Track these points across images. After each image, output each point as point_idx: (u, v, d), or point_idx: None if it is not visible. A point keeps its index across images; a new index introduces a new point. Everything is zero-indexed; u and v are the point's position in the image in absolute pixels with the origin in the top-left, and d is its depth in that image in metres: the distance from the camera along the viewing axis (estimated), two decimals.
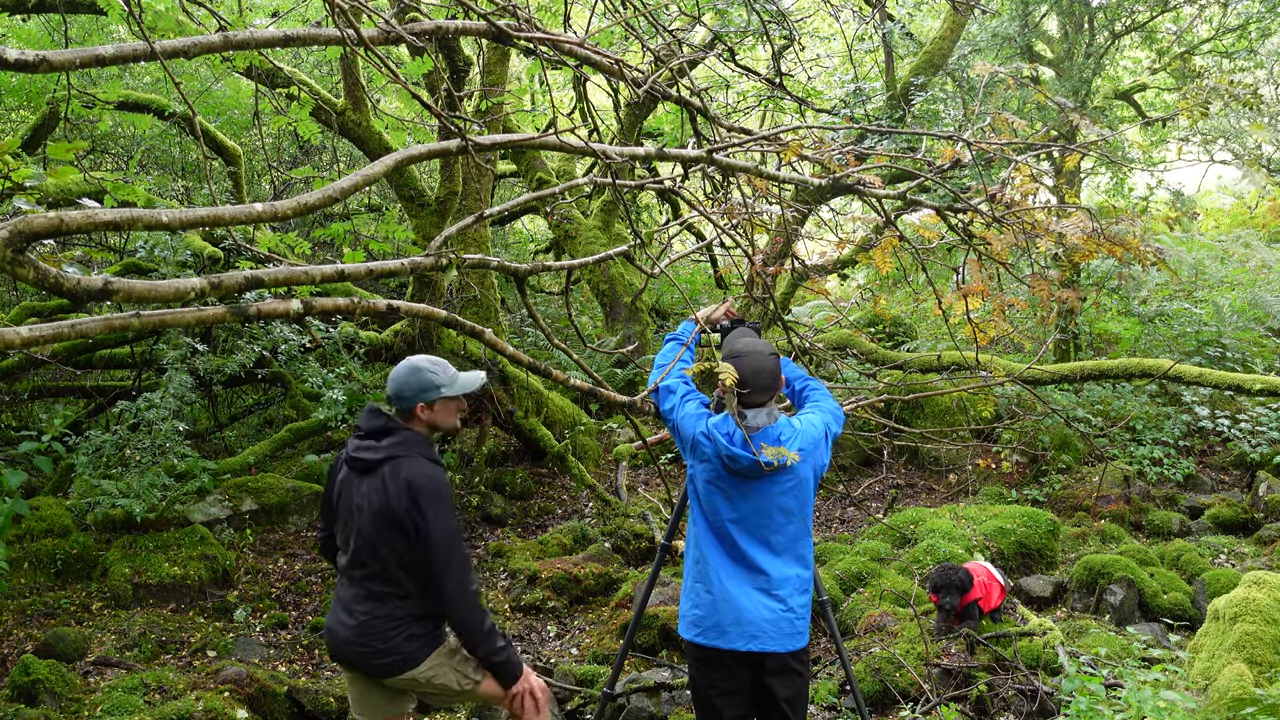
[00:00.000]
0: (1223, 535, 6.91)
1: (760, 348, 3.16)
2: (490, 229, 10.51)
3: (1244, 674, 3.98)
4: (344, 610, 3.27)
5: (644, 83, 3.49)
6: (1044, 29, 10.33)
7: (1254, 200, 15.37)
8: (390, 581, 3.19)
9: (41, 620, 5.74)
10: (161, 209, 2.10)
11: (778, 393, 3.21)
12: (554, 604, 6.20)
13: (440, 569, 3.13)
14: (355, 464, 3.26)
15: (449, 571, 3.13)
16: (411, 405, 3.28)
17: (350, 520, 3.26)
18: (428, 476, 3.17)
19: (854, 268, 12.19)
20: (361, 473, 3.25)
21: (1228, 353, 8.81)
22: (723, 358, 3.22)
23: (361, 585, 3.23)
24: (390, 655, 3.21)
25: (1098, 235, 3.60)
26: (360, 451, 3.25)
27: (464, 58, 7.27)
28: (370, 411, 3.33)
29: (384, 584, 3.20)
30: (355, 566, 3.25)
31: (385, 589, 3.21)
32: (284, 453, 8.22)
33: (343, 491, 3.31)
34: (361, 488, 3.23)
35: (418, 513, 3.11)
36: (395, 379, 3.31)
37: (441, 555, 3.12)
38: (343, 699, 4.85)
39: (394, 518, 3.12)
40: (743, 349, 3.18)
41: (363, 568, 3.22)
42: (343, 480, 3.33)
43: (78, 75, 6.69)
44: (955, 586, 4.88)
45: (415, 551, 3.14)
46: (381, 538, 3.16)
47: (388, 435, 3.26)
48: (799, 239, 7.52)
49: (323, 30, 2.66)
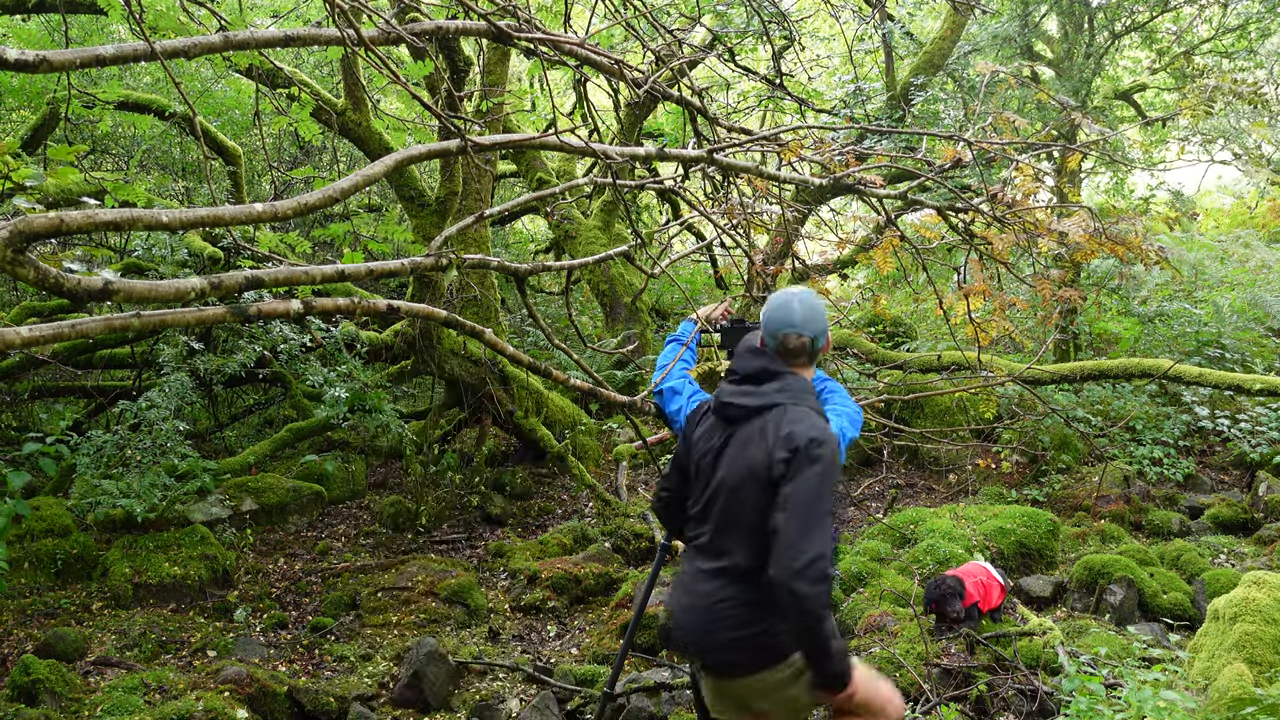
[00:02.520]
0: (1222, 535, 6.91)
1: None
2: (490, 229, 10.51)
3: (1244, 674, 3.98)
4: (685, 590, 2.77)
5: (644, 83, 3.49)
6: (1044, 29, 10.33)
7: (1254, 200, 15.37)
8: (754, 555, 2.64)
9: (42, 620, 5.74)
10: (161, 209, 2.10)
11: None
12: (554, 604, 6.20)
13: (795, 534, 2.50)
14: (727, 411, 2.77)
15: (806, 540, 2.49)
16: (820, 342, 2.81)
17: (709, 480, 2.76)
18: (819, 429, 2.63)
19: (854, 267, 12.19)
20: (731, 422, 2.76)
21: (1227, 353, 8.81)
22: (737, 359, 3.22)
23: (714, 558, 2.72)
24: (737, 649, 2.66)
25: (1099, 234, 3.60)
26: (735, 397, 2.76)
27: (464, 58, 7.27)
28: (748, 351, 2.84)
29: (745, 558, 2.66)
30: (712, 535, 2.73)
31: (745, 564, 2.67)
32: (284, 453, 8.22)
33: (703, 445, 2.81)
34: (731, 440, 2.74)
35: (792, 470, 2.57)
36: (803, 307, 2.79)
37: (799, 521, 2.51)
38: (343, 699, 4.85)
39: (769, 476, 2.60)
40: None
41: (720, 536, 2.71)
42: (705, 432, 2.83)
43: (78, 75, 6.68)
44: (954, 594, 4.88)
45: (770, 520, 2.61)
46: (749, 501, 2.65)
47: (771, 379, 2.75)
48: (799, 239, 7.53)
49: (323, 30, 2.66)
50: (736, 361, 2.82)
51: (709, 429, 2.82)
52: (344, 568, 6.74)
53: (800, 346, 2.78)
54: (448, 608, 6.11)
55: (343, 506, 8.01)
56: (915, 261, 4.55)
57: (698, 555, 2.76)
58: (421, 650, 5.04)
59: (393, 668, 5.25)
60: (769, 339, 2.83)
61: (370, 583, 6.43)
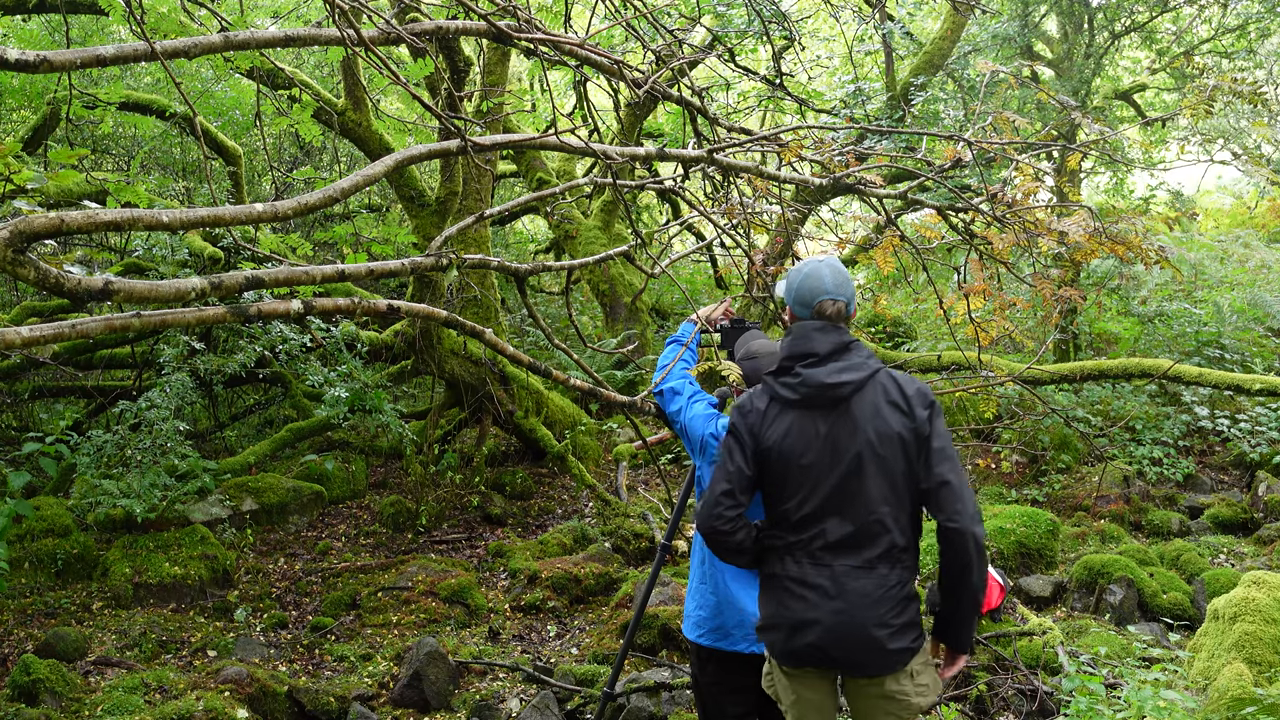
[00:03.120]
0: (1222, 535, 6.91)
1: (775, 350, 3.15)
2: (490, 229, 10.51)
3: (1243, 673, 3.98)
4: (826, 596, 2.58)
5: (644, 83, 3.49)
6: (1044, 29, 10.33)
7: (1254, 200, 15.37)
8: (906, 529, 2.61)
9: (42, 620, 5.75)
10: (162, 209, 2.10)
11: None
12: (554, 604, 6.20)
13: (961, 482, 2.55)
14: (834, 393, 2.61)
15: (968, 487, 2.55)
16: (852, 307, 2.75)
17: (824, 472, 2.60)
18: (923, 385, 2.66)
19: (854, 267, 12.20)
20: (837, 402, 2.61)
21: (1227, 353, 8.81)
22: (739, 359, 3.23)
23: (857, 551, 2.58)
24: (905, 637, 2.57)
25: (1099, 234, 3.60)
26: (834, 376, 2.61)
27: (464, 58, 7.28)
28: (811, 329, 2.68)
29: (900, 534, 2.60)
30: (844, 528, 2.59)
31: (903, 541, 2.60)
32: (284, 453, 8.22)
33: (798, 441, 2.63)
34: (843, 420, 2.60)
35: (935, 424, 2.58)
36: (836, 274, 2.73)
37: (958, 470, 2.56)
38: (343, 699, 4.85)
39: (915, 436, 2.57)
40: (759, 349, 3.18)
41: (859, 524, 2.58)
42: (792, 427, 2.64)
43: (79, 76, 6.68)
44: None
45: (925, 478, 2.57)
46: (895, 470, 2.58)
47: (853, 350, 2.66)
48: (799, 239, 7.53)
49: (323, 30, 2.67)
50: (804, 343, 2.66)
51: (795, 423, 2.63)
52: (344, 568, 6.74)
53: (838, 312, 2.71)
54: (448, 608, 6.11)
55: (343, 506, 8.02)
56: (915, 261, 4.55)
57: (825, 556, 2.60)
58: (421, 650, 5.04)
59: (393, 668, 5.26)
60: (801, 309, 2.75)
61: (370, 583, 6.43)
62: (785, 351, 2.71)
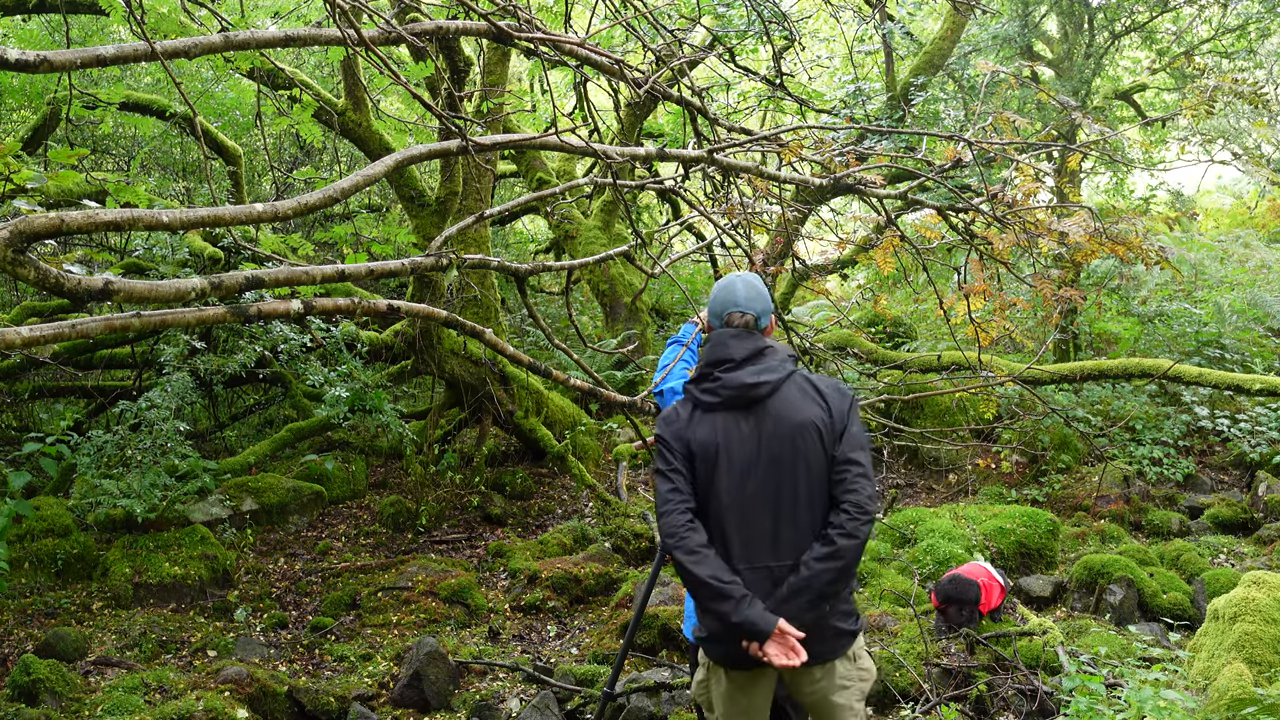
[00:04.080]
0: (1222, 535, 6.91)
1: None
2: (490, 229, 10.51)
3: (1244, 674, 3.98)
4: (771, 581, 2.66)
5: (644, 83, 3.49)
6: (1044, 29, 10.33)
7: (1254, 200, 15.36)
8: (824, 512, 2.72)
9: (42, 620, 5.74)
10: (162, 209, 2.10)
11: None
12: (554, 604, 6.20)
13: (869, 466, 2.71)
14: (752, 393, 2.72)
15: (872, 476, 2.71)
16: (765, 321, 2.89)
17: (751, 467, 2.70)
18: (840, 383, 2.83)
19: (854, 267, 12.20)
20: (754, 402, 2.73)
21: (1227, 353, 8.81)
22: None
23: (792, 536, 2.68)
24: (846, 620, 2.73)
25: (1100, 235, 3.60)
26: (753, 377, 2.73)
27: (464, 58, 7.27)
28: (727, 337, 2.80)
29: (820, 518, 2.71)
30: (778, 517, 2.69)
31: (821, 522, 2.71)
32: (284, 453, 8.22)
33: (724, 439, 2.72)
34: (764, 418, 2.72)
35: (851, 416, 2.74)
36: (749, 289, 2.87)
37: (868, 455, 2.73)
38: (343, 699, 4.85)
39: (832, 426, 2.71)
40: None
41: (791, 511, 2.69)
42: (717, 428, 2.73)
43: (79, 76, 6.68)
44: (969, 601, 4.88)
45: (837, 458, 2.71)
46: (814, 460, 2.70)
47: (767, 354, 2.79)
48: (799, 239, 7.53)
49: (324, 30, 2.67)
50: (723, 349, 2.78)
51: (719, 424, 2.72)
52: (344, 568, 6.74)
53: (746, 324, 2.83)
54: (448, 608, 6.11)
55: (343, 506, 8.02)
56: (915, 261, 4.55)
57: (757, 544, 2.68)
58: (421, 650, 5.04)
59: (393, 668, 5.26)
60: (713, 318, 2.90)
61: (370, 583, 6.43)
62: (704, 359, 2.82)
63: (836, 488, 2.70)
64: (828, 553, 2.62)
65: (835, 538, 2.63)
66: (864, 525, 2.64)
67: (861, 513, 2.64)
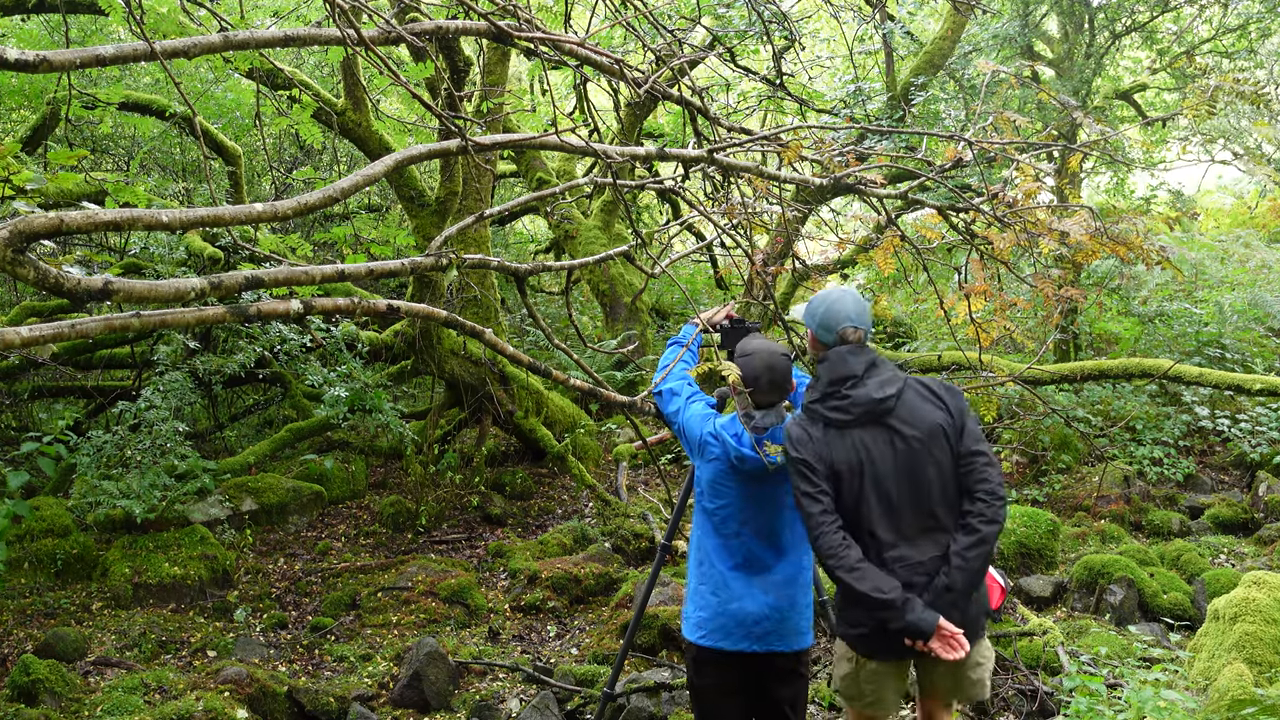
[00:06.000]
0: (1223, 535, 6.91)
1: (772, 348, 3.17)
2: (490, 229, 10.51)
3: (1244, 674, 3.98)
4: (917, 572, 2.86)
5: (644, 83, 3.48)
6: (1044, 29, 10.32)
7: (1254, 200, 15.36)
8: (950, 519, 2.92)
9: (41, 620, 5.74)
10: (162, 209, 2.10)
11: (788, 393, 3.21)
12: (554, 604, 6.20)
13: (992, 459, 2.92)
14: (881, 406, 2.90)
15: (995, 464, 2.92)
16: (869, 335, 3.06)
17: (891, 475, 2.89)
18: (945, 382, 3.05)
19: (854, 268, 12.18)
20: (885, 414, 2.90)
21: (1228, 353, 8.81)
22: (735, 358, 3.23)
23: (933, 534, 2.88)
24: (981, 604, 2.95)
25: (1100, 234, 3.60)
26: (878, 390, 2.90)
27: (464, 58, 7.27)
28: (845, 354, 2.96)
29: (955, 514, 2.91)
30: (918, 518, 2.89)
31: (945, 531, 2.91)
32: (284, 453, 8.22)
33: (865, 454, 2.89)
34: (894, 428, 2.89)
35: (969, 416, 2.93)
36: (857, 303, 3.04)
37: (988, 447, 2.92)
38: (343, 699, 4.85)
39: (955, 427, 2.91)
40: (755, 349, 3.18)
41: (934, 511, 2.90)
42: (855, 444, 2.89)
43: (78, 76, 6.67)
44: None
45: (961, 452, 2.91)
46: (945, 462, 2.89)
47: (880, 366, 2.96)
48: (799, 239, 7.52)
49: (323, 30, 2.66)
50: (844, 366, 2.93)
51: (855, 440, 2.88)
52: (344, 568, 6.74)
53: (859, 339, 3.00)
54: (448, 608, 6.11)
55: (343, 506, 8.01)
56: (915, 261, 4.55)
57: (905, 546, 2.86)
58: (421, 650, 5.04)
59: (393, 668, 5.25)
60: (825, 333, 3.03)
61: (370, 583, 6.43)
62: (827, 377, 2.96)
63: (967, 478, 2.90)
64: (974, 541, 2.83)
65: (978, 525, 2.84)
66: (1001, 509, 2.85)
67: (996, 498, 2.85)
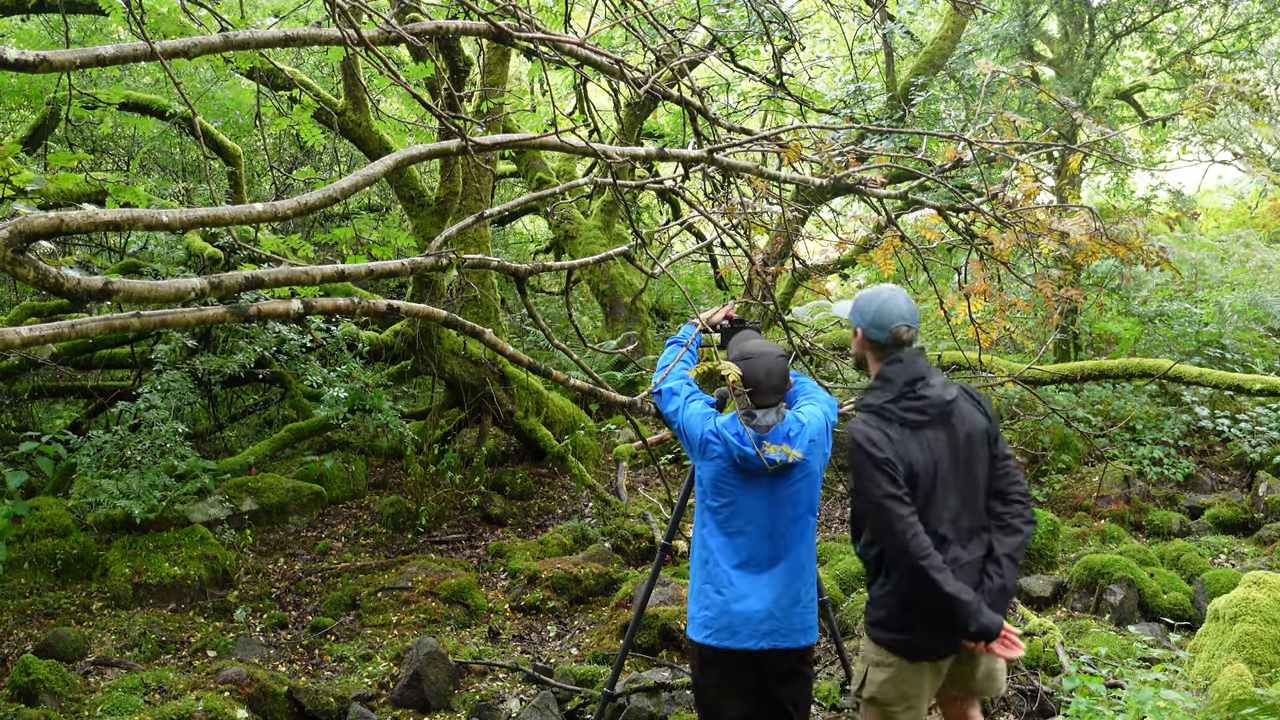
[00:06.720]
0: (1223, 535, 6.90)
1: (771, 349, 3.19)
2: (490, 229, 10.51)
3: (1244, 674, 3.98)
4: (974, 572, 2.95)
5: (644, 83, 3.48)
6: (1044, 29, 10.32)
7: (1254, 200, 15.36)
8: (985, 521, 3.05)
9: (41, 620, 5.74)
10: (162, 209, 2.10)
11: (786, 393, 3.23)
12: (554, 604, 6.19)
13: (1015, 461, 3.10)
14: (948, 408, 2.99)
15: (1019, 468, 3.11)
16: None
17: (953, 473, 2.98)
18: None
19: (854, 268, 12.19)
20: (947, 415, 2.99)
21: (1228, 353, 8.81)
22: (733, 358, 3.24)
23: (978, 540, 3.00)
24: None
25: (1100, 235, 3.60)
26: (943, 393, 2.99)
27: (464, 58, 7.27)
28: (914, 355, 3.03)
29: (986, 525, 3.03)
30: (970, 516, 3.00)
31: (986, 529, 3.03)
32: (284, 453, 8.22)
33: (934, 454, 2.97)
34: (952, 429, 3.00)
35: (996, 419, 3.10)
36: (908, 303, 3.08)
37: None
38: (343, 699, 4.84)
39: (991, 435, 3.04)
40: (753, 350, 3.19)
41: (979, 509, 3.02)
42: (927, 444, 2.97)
43: (78, 76, 6.67)
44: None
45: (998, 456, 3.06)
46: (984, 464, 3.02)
47: (934, 369, 3.06)
48: (799, 239, 7.52)
49: (323, 30, 2.66)
50: (915, 368, 2.99)
51: (926, 440, 2.95)
52: (344, 568, 6.74)
53: (911, 338, 3.04)
54: (448, 608, 6.11)
55: (343, 506, 8.01)
56: (916, 262, 4.55)
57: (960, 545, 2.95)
58: (421, 650, 5.03)
59: (393, 668, 5.25)
60: (878, 332, 3.04)
61: (370, 583, 6.43)
62: (903, 377, 2.98)
63: (1002, 481, 3.03)
64: (1020, 541, 2.97)
65: (1020, 526, 2.99)
66: (1031, 511, 3.04)
67: (1028, 500, 3.05)
